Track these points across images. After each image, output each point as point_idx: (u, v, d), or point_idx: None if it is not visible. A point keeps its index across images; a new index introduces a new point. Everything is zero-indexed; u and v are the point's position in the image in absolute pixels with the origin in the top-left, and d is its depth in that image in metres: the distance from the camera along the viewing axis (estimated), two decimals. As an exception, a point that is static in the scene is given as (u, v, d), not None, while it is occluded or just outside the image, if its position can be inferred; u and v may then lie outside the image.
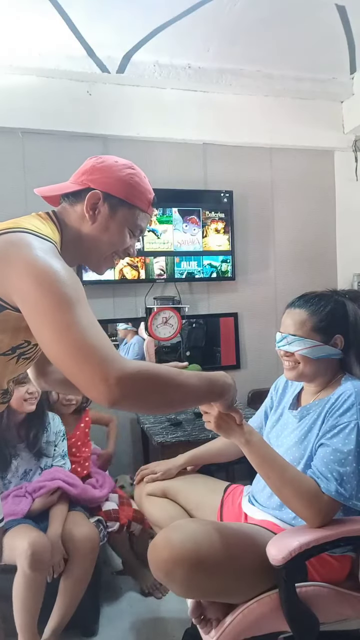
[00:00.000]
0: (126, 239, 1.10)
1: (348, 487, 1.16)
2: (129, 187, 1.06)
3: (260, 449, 1.23)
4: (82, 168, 1.10)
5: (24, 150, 2.67)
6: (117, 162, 1.09)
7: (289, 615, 1.16)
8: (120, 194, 1.06)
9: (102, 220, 1.06)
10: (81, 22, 2.32)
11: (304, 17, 2.34)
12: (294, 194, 3.15)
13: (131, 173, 1.08)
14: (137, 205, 1.08)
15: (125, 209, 1.07)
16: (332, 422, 1.24)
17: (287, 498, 1.20)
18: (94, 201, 1.04)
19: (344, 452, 1.18)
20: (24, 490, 1.80)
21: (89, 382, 0.82)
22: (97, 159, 1.10)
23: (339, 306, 1.35)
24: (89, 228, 1.06)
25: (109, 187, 1.05)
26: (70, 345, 0.82)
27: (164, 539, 1.16)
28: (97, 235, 1.06)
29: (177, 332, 2.88)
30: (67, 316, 0.83)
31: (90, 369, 0.81)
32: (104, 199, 1.05)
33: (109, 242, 1.08)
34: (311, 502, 1.17)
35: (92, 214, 1.05)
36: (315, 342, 1.31)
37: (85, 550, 1.69)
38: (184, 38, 2.49)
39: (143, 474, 1.69)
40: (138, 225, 1.11)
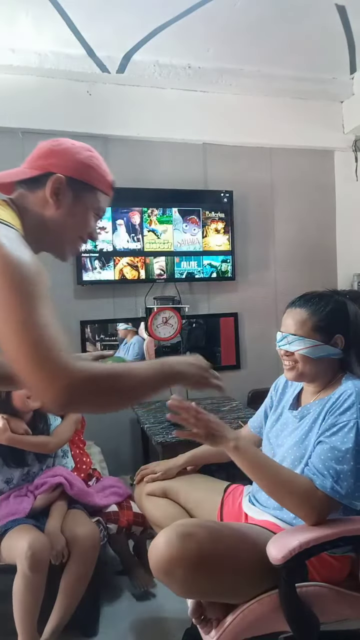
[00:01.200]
0: (91, 222, 1.08)
1: (344, 484, 1.16)
2: (90, 169, 1.05)
3: (250, 453, 1.24)
4: (38, 152, 1.06)
5: (24, 150, 2.66)
6: (74, 145, 1.06)
7: (289, 615, 1.16)
8: (82, 177, 1.03)
9: (67, 205, 1.03)
10: (81, 22, 2.32)
11: (304, 17, 2.34)
12: (294, 194, 3.15)
13: (90, 155, 1.06)
14: (100, 188, 1.06)
15: (88, 192, 1.05)
16: (332, 420, 1.24)
17: (281, 499, 1.20)
18: (57, 186, 1.01)
19: (342, 450, 1.19)
20: (26, 490, 1.80)
21: (39, 386, 0.82)
22: (53, 141, 1.06)
23: (340, 306, 1.35)
24: (54, 214, 1.02)
25: (71, 170, 1.02)
26: (24, 345, 0.80)
27: (164, 539, 1.16)
28: (63, 220, 1.03)
29: (177, 332, 2.88)
30: (25, 314, 0.81)
31: (40, 373, 0.80)
32: (67, 183, 1.01)
33: (74, 227, 1.06)
34: (305, 499, 1.17)
35: (56, 199, 1.01)
36: (316, 342, 1.31)
37: (87, 548, 1.68)
38: (184, 38, 2.49)
39: (143, 474, 1.69)
40: (101, 208, 1.09)
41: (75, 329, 2.77)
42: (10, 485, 1.84)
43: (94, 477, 2.12)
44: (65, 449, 2.00)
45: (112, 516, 1.89)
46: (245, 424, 1.73)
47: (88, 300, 2.80)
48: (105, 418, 2.81)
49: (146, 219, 2.79)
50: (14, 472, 1.85)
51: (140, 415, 2.56)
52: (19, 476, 1.86)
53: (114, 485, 2.01)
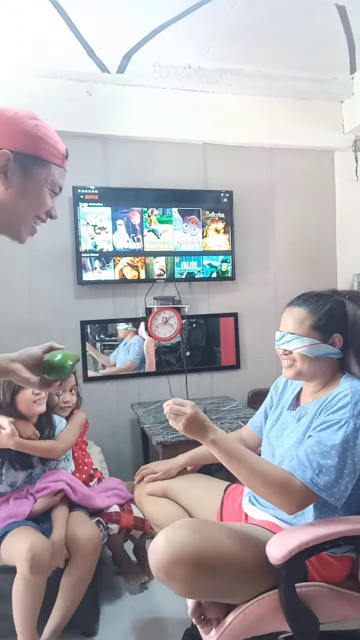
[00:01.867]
0: (47, 200, 0.99)
1: (325, 479, 1.17)
2: (38, 140, 0.94)
3: (226, 445, 1.25)
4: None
5: (24, 150, 2.66)
6: (17, 114, 0.95)
7: (289, 615, 1.16)
8: (30, 150, 0.93)
9: (16, 183, 0.93)
10: (81, 22, 2.32)
11: (304, 17, 2.34)
12: (294, 194, 3.15)
13: (37, 124, 0.95)
14: (52, 161, 0.97)
15: (39, 166, 0.95)
16: (324, 418, 1.25)
17: (260, 490, 1.22)
18: (2, 163, 0.91)
19: (328, 445, 1.19)
20: (26, 492, 1.80)
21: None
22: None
23: (339, 305, 1.35)
24: (4, 194, 0.93)
25: (16, 144, 0.92)
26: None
27: (164, 539, 1.16)
28: (14, 200, 0.95)
29: (177, 332, 2.88)
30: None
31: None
32: (13, 159, 0.92)
33: (28, 206, 0.97)
34: (281, 488, 1.18)
35: (3, 177, 0.92)
36: (314, 341, 1.31)
37: (88, 550, 1.68)
38: (184, 38, 2.49)
39: (143, 474, 1.69)
40: (56, 182, 0.99)
41: (75, 329, 2.77)
42: (13, 489, 1.84)
43: (95, 478, 2.12)
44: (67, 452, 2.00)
45: (114, 516, 1.89)
46: (245, 424, 1.73)
47: (88, 300, 2.80)
48: (106, 418, 2.82)
49: (146, 219, 2.79)
50: (18, 475, 1.84)
51: (140, 415, 2.56)
52: (22, 479, 1.86)
53: (116, 487, 2.01)
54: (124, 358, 2.88)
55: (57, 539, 1.67)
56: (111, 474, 2.38)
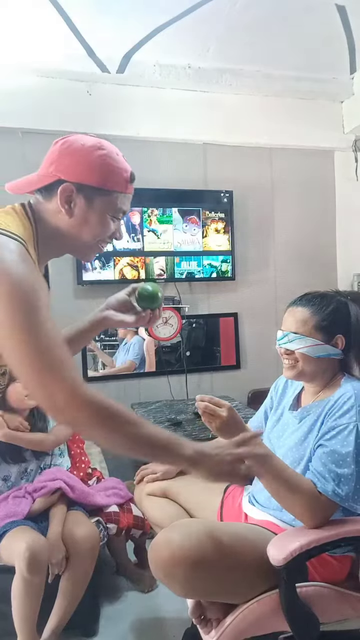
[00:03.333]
0: (109, 226, 1.03)
1: (345, 488, 1.16)
2: (101, 171, 0.98)
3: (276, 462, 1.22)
4: (49, 156, 1.01)
5: (24, 150, 2.66)
6: (84, 145, 0.99)
7: (289, 616, 1.16)
8: (93, 181, 0.97)
9: (79, 213, 0.98)
10: (81, 22, 2.32)
11: (304, 17, 2.34)
12: (294, 194, 3.15)
13: (101, 154, 0.99)
14: (115, 190, 1.00)
15: (103, 195, 0.99)
16: (331, 423, 1.24)
17: (284, 499, 1.20)
18: (67, 194, 0.96)
19: (342, 453, 1.19)
20: (24, 491, 1.80)
21: (48, 409, 0.86)
22: (63, 142, 1.01)
23: (342, 306, 1.35)
24: (67, 222, 0.98)
25: (80, 176, 0.96)
26: (31, 371, 0.83)
27: (164, 539, 1.16)
28: (77, 228, 0.99)
29: (177, 332, 2.88)
30: (29, 339, 0.82)
31: (49, 400, 0.84)
32: (77, 190, 0.96)
33: (91, 234, 1.01)
34: (308, 502, 1.17)
35: (67, 208, 0.97)
36: (316, 341, 1.31)
37: (86, 550, 1.68)
38: (184, 38, 2.49)
39: (143, 474, 1.69)
40: (119, 209, 1.03)
41: (75, 329, 2.77)
42: (8, 484, 1.83)
43: (94, 477, 2.12)
44: (62, 448, 2.00)
45: (113, 516, 1.89)
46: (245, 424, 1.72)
47: (88, 300, 2.80)
48: (105, 418, 2.81)
49: (146, 219, 2.78)
50: (11, 469, 1.85)
51: (140, 415, 2.56)
52: (16, 474, 1.86)
53: (115, 487, 2.02)
54: (124, 358, 2.88)
55: (53, 535, 1.68)
56: (111, 474, 2.37)
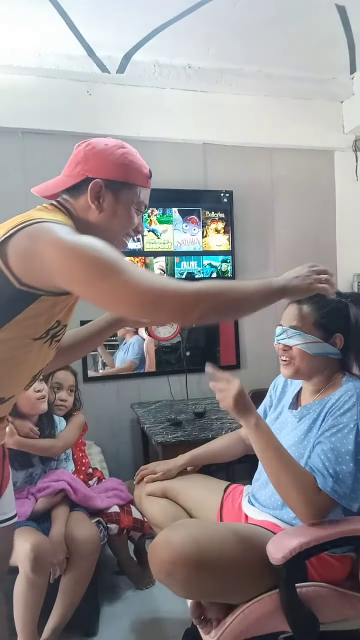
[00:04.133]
0: (134, 219, 1.11)
1: (343, 485, 1.16)
2: (125, 167, 1.07)
3: (268, 434, 1.24)
4: (74, 158, 1.09)
5: (24, 150, 2.67)
6: (107, 145, 1.08)
7: (289, 616, 1.16)
8: (119, 177, 1.06)
9: (108, 207, 1.06)
10: (81, 22, 2.32)
11: (304, 17, 2.34)
12: (294, 194, 3.15)
13: (124, 152, 1.08)
14: (137, 184, 1.09)
15: (127, 189, 1.07)
16: (332, 421, 1.24)
17: (285, 488, 1.20)
18: (96, 190, 1.05)
19: (342, 451, 1.19)
20: (27, 492, 1.80)
21: (168, 320, 0.99)
22: (86, 145, 1.09)
23: (342, 306, 1.36)
24: (97, 217, 1.07)
25: (107, 172, 1.05)
26: (132, 299, 0.90)
27: (164, 539, 1.16)
28: (107, 222, 1.08)
29: (177, 332, 2.88)
30: (119, 276, 0.89)
31: (163, 312, 0.93)
32: (105, 186, 1.05)
33: (119, 226, 1.10)
34: (308, 495, 1.17)
35: (97, 203, 1.05)
36: (315, 338, 1.31)
37: (86, 551, 1.69)
38: (184, 38, 2.49)
39: (143, 474, 1.69)
40: (142, 202, 1.12)
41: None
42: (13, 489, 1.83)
43: (95, 477, 2.12)
44: (67, 452, 2.00)
45: (114, 516, 1.89)
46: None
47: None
48: (106, 418, 2.82)
49: (146, 219, 2.78)
50: (18, 475, 1.84)
51: (140, 415, 2.56)
52: (22, 479, 1.86)
53: (116, 488, 2.02)
54: (123, 357, 2.88)
55: (56, 535, 1.68)
56: (111, 474, 2.38)
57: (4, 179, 2.63)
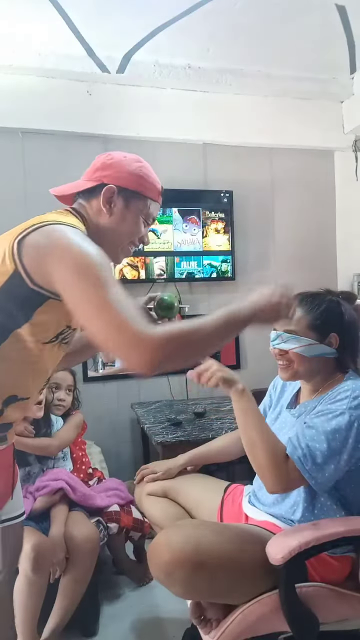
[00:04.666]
0: (141, 228, 1.18)
1: (310, 460, 1.18)
2: (139, 179, 1.15)
3: (250, 402, 1.30)
4: (94, 166, 1.16)
5: (24, 150, 2.67)
6: (125, 157, 1.16)
7: (289, 616, 1.16)
8: (132, 186, 1.13)
9: (118, 213, 1.13)
10: (81, 22, 2.32)
11: (304, 17, 2.34)
12: (294, 194, 3.14)
13: (140, 166, 1.16)
14: (148, 196, 1.17)
15: (138, 199, 1.15)
16: (322, 407, 1.26)
17: (256, 454, 1.23)
18: (109, 195, 1.11)
19: (320, 430, 1.20)
20: (25, 491, 1.80)
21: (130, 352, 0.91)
22: (107, 156, 1.16)
23: (334, 305, 1.36)
24: (107, 221, 1.13)
25: (121, 181, 1.13)
26: (110, 321, 0.91)
27: (163, 539, 1.16)
28: (115, 226, 1.14)
29: (177, 332, 2.87)
30: (104, 296, 0.91)
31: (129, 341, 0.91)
32: (118, 192, 1.12)
33: (126, 232, 1.16)
34: (276, 461, 1.20)
35: (108, 207, 1.12)
36: (310, 341, 1.31)
37: (86, 550, 1.69)
38: (184, 38, 2.49)
39: (143, 474, 1.69)
40: (150, 214, 1.19)
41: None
42: None
43: (95, 477, 2.12)
44: (65, 451, 2.00)
45: (114, 516, 1.89)
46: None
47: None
48: (105, 418, 2.82)
49: (146, 219, 2.78)
50: None
51: (140, 415, 2.56)
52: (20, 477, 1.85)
53: (116, 488, 2.02)
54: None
55: (56, 534, 1.68)
56: (111, 474, 2.38)
57: (4, 179, 2.63)
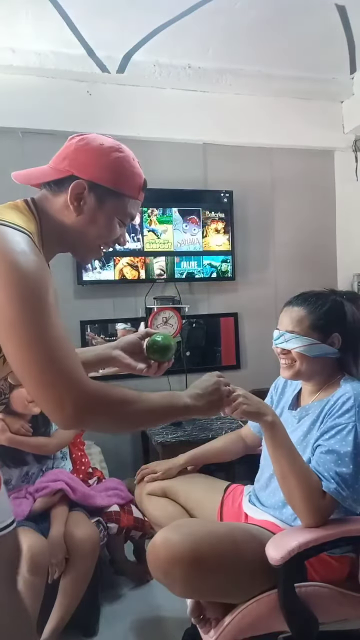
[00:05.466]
0: (115, 230, 1.01)
1: (345, 487, 1.16)
2: (117, 174, 0.97)
3: (282, 432, 1.23)
4: (64, 150, 1.00)
5: (23, 150, 2.67)
6: (103, 145, 0.98)
7: (288, 616, 1.16)
8: (107, 182, 0.96)
9: (88, 212, 0.96)
10: (81, 22, 2.32)
11: (304, 17, 2.34)
12: (294, 194, 3.14)
13: (119, 157, 0.98)
14: (127, 194, 0.99)
15: (114, 198, 0.97)
16: (331, 423, 1.24)
17: (291, 487, 1.18)
18: (78, 191, 0.95)
19: (341, 453, 1.19)
20: (25, 492, 1.80)
21: (48, 407, 0.82)
22: (80, 139, 0.99)
23: (337, 305, 1.35)
24: (74, 219, 0.97)
25: (94, 174, 0.95)
26: (32, 365, 0.80)
27: (163, 539, 1.16)
28: (83, 227, 0.97)
29: (177, 332, 2.88)
30: (33, 332, 0.80)
31: (50, 395, 0.81)
32: (89, 188, 0.95)
33: (96, 234, 1.00)
34: (312, 496, 1.16)
35: (76, 205, 0.95)
36: (313, 340, 1.31)
37: (86, 550, 1.69)
38: (184, 38, 2.49)
39: (144, 474, 1.69)
40: (128, 214, 1.02)
41: (75, 329, 2.77)
42: (9, 487, 1.83)
43: (95, 477, 2.12)
44: (64, 451, 2.00)
45: (114, 516, 1.89)
46: (245, 423, 1.73)
47: (88, 300, 2.80)
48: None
49: (146, 218, 2.79)
50: (12, 473, 1.84)
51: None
52: (17, 477, 1.85)
53: (116, 488, 2.02)
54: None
55: (55, 535, 1.68)
56: (111, 474, 2.38)
57: (4, 179, 2.60)
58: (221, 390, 1.08)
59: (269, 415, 1.22)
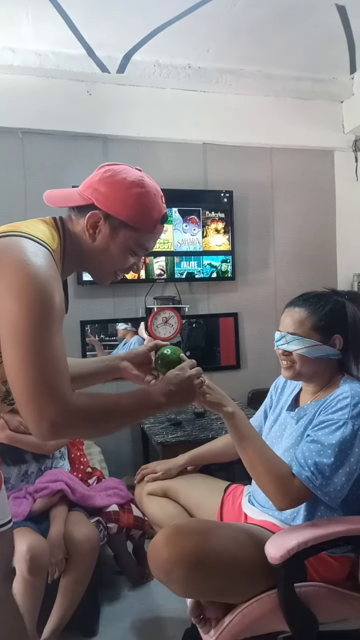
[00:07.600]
0: (127, 260, 1.06)
1: (319, 476, 1.17)
2: (133, 210, 1.01)
3: (244, 423, 1.27)
4: (91, 178, 1.05)
5: (23, 150, 2.67)
6: (125, 179, 1.02)
7: (288, 615, 1.16)
8: (122, 215, 1.01)
9: (101, 240, 1.02)
10: (81, 22, 2.32)
11: (304, 17, 2.34)
12: (294, 194, 3.15)
13: (139, 193, 1.02)
14: (141, 229, 1.03)
15: (128, 230, 1.02)
16: (323, 417, 1.25)
17: (259, 475, 1.22)
18: (94, 220, 1.01)
19: (325, 444, 1.19)
20: (25, 492, 1.80)
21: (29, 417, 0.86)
22: (107, 170, 1.04)
23: (339, 306, 1.35)
24: (89, 246, 1.02)
25: (112, 207, 1.00)
26: (23, 375, 0.84)
27: (163, 538, 1.16)
28: (97, 253, 1.03)
29: (177, 332, 2.88)
30: (35, 344, 0.84)
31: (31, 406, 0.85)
32: (104, 218, 1.00)
33: (108, 263, 1.05)
34: (281, 481, 1.19)
35: (91, 232, 1.01)
36: (314, 342, 1.31)
37: (85, 550, 1.69)
38: (184, 38, 2.49)
39: (144, 474, 1.69)
40: (142, 247, 1.06)
41: (75, 329, 2.77)
42: (7, 486, 1.83)
43: (94, 476, 2.12)
44: (63, 451, 2.00)
45: (113, 515, 1.89)
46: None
47: (88, 300, 2.80)
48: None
49: (146, 219, 2.78)
50: (11, 471, 1.84)
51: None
52: (16, 476, 1.85)
53: (116, 487, 2.02)
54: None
55: (55, 535, 1.68)
56: (111, 474, 2.38)
57: (4, 179, 2.63)
58: (194, 384, 1.11)
59: (229, 407, 1.27)
